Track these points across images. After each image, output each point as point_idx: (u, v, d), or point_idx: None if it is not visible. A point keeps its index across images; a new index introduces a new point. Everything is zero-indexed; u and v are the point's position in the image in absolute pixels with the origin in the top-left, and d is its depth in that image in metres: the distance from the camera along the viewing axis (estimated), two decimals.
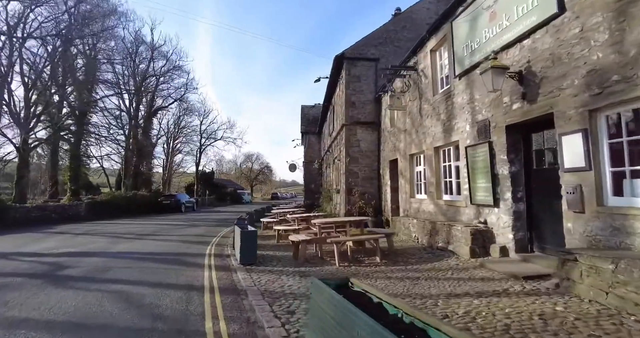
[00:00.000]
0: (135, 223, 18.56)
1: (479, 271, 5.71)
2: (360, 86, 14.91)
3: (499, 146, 6.59)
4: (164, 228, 15.52)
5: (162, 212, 27.85)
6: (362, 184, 14.48)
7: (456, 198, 8.41)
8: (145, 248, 9.50)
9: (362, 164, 14.66)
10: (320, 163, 30.22)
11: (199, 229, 14.98)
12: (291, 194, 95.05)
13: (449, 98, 8.48)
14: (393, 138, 12.65)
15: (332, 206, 19.66)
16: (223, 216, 23.84)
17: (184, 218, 21.42)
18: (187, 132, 46.66)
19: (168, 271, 6.43)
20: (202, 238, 11.86)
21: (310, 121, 34.21)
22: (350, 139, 14.70)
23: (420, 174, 10.58)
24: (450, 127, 8.39)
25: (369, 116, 14.86)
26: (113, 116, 32.59)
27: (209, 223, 17.91)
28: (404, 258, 7.14)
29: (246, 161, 79.78)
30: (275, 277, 5.79)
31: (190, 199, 32.31)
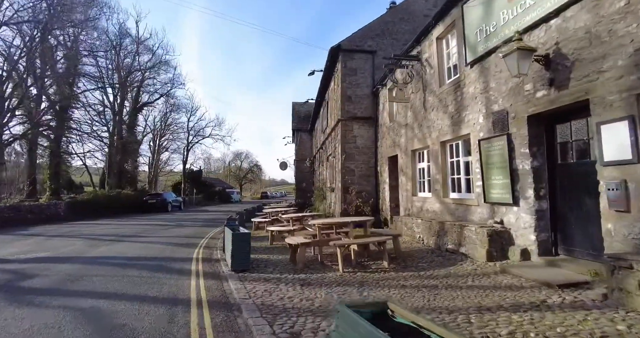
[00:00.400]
0: (118, 223, 17.55)
1: (502, 278, 5.09)
2: (357, 80, 14.24)
3: (518, 139, 5.98)
4: (148, 228, 14.60)
5: (148, 212, 26.76)
6: (359, 182, 13.83)
7: (466, 196, 7.80)
8: (126, 251, 8.65)
9: (358, 162, 14.01)
10: (312, 161, 29.50)
11: (186, 230, 14.12)
12: (281, 193, 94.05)
13: (458, 89, 7.86)
14: (392, 134, 12.01)
15: (325, 205, 18.97)
16: (211, 215, 22.94)
17: (170, 218, 20.46)
18: (174, 129, 45.43)
19: (149, 280, 5.64)
20: (189, 239, 11.03)
21: (301, 118, 33.45)
22: (346, 135, 14.02)
23: (424, 171, 9.96)
24: (460, 120, 7.77)
25: (366, 111, 14.20)
26: (96, 112, 31.31)
27: (196, 223, 17.03)
28: (413, 262, 6.50)
29: (235, 159, 78.55)
30: (272, 287, 5.07)
31: (177, 199, 31.23)
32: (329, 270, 6.08)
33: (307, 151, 32.31)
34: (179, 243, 10.18)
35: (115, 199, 25.65)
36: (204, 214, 24.67)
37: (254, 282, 5.34)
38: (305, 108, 35.11)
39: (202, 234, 12.43)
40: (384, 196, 13.00)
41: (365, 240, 6.15)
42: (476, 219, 7.21)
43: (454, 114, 8.00)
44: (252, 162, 79.42)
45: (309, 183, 31.83)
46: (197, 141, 47.12)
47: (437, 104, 8.77)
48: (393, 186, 12.34)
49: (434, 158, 8.98)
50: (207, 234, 12.43)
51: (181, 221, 18.57)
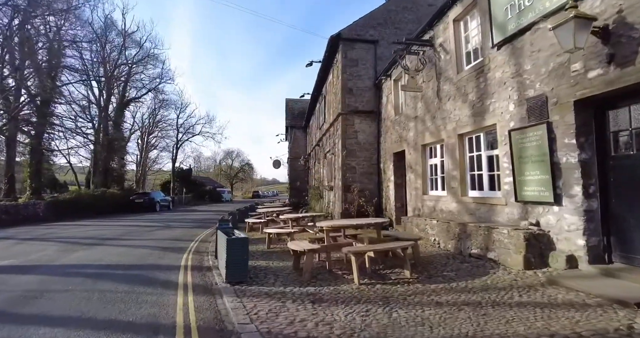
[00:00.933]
0: (102, 224, 16.38)
1: (555, 292, 4.24)
2: (358, 71, 13.36)
3: (562, 128, 5.15)
4: (133, 230, 13.51)
5: (135, 212, 25.54)
6: (360, 180, 12.95)
7: (490, 194, 6.96)
8: (105, 258, 7.61)
9: (360, 158, 13.13)
10: (307, 159, 28.56)
11: (174, 231, 13.06)
12: (273, 193, 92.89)
13: (480, 74, 7.01)
14: (398, 128, 11.15)
15: (322, 205, 18.07)
16: (202, 215, 21.85)
17: (158, 219, 19.32)
18: (163, 126, 44.03)
19: (126, 297, 4.65)
20: (177, 243, 10.02)
21: (295, 115, 32.49)
22: (347, 130, 13.13)
23: (436, 167, 9.11)
24: (483, 109, 6.93)
25: (368, 105, 13.33)
26: (80, 107, 29.84)
27: (185, 225, 15.97)
28: (437, 271, 5.62)
29: (226, 158, 77.18)
30: (277, 305, 4.14)
31: (166, 198, 30.01)
32: (342, 281, 5.17)
33: (302, 149, 31.38)
34: (165, 247, 9.16)
35: (100, 198, 24.36)
36: (193, 214, 23.55)
37: (254, 299, 4.40)
38: (299, 105, 34.18)
39: (191, 236, 11.41)
40: (387, 195, 12.15)
41: (385, 246, 5.24)
42: (503, 220, 6.38)
43: (476, 103, 7.16)
44: (244, 161, 78.12)
45: (303, 182, 30.90)
46: (186, 139, 45.77)
47: (454, 92, 7.92)
48: (398, 184, 11.50)
49: (449, 153, 8.14)
50: (197, 236, 11.42)
51: (169, 221, 17.47)
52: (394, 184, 11.52)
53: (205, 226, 14.83)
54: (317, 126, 21.33)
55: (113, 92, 31.94)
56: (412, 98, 10.02)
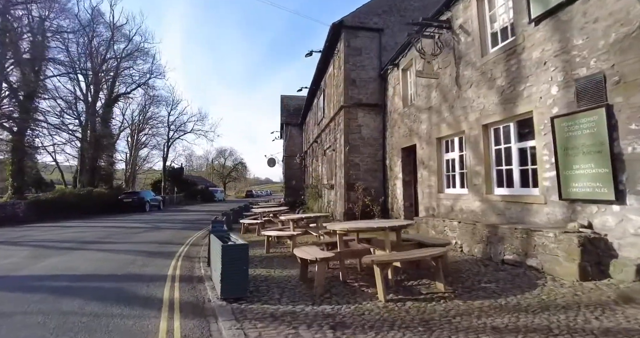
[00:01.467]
0: (86, 225, 15.28)
1: (638, 312, 3.38)
2: (362, 61, 12.47)
3: (627, 111, 4.30)
4: (118, 232, 12.45)
5: (123, 212, 24.36)
6: (364, 178, 12.07)
7: (523, 192, 6.11)
8: (80, 266, 6.60)
9: (364, 154, 12.24)
10: (303, 157, 27.63)
11: (163, 233, 12.03)
12: (266, 192, 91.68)
13: (512, 55, 6.15)
14: (408, 121, 10.28)
15: (321, 204, 17.16)
16: (193, 216, 20.78)
17: (147, 219, 18.23)
18: (153, 123, 42.68)
19: (93, 323, 3.68)
20: (165, 247, 9.02)
21: (291, 112, 31.52)
22: (350, 125, 12.23)
23: (454, 162, 8.25)
24: (515, 94, 6.07)
25: (372, 97, 12.45)
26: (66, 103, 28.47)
27: (176, 226, 14.93)
28: (472, 281, 4.74)
29: (218, 156, 75.91)
30: (289, 333, 3.21)
31: (156, 197, 28.83)
32: (362, 296, 4.26)
33: (297, 146, 30.43)
34: (152, 252, 8.16)
35: (86, 198, 23.16)
36: (185, 214, 22.47)
37: (258, 323, 3.47)
38: (295, 102, 33.23)
39: (181, 239, 10.41)
40: (394, 194, 11.27)
41: (416, 255, 4.30)
42: (541, 221, 5.53)
43: (506, 88, 6.30)
44: (237, 159, 76.83)
45: (299, 181, 29.96)
46: (178, 137, 44.54)
47: (478, 78, 7.05)
48: (407, 181, 10.63)
49: (471, 146, 7.27)
50: (187, 239, 10.43)
51: (159, 222, 16.40)
52: (402, 182, 10.65)
53: (196, 228, 13.82)
54: (315, 122, 20.41)
55: (101, 87, 30.65)
56: (425, 87, 9.15)
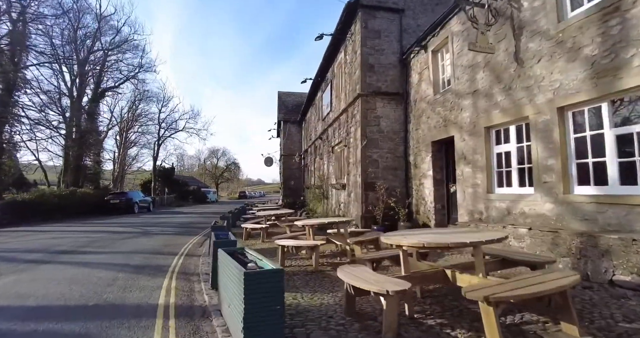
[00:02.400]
0: (66, 229, 13.56)
1: None
2: (381, 44, 11.02)
3: None
4: (101, 238, 10.79)
5: (110, 214, 22.60)
6: (384, 176, 10.61)
7: (626, 191, 4.69)
8: (38, 290, 4.99)
9: (383, 150, 10.78)
10: (303, 156, 26.11)
11: (153, 240, 10.40)
12: (260, 193, 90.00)
13: (613, 13, 4.74)
14: (442, 109, 8.85)
15: (327, 207, 15.68)
16: (186, 218, 19.11)
17: (135, 223, 16.52)
18: (143, 121, 40.75)
19: None
20: (155, 258, 7.44)
21: (289, 109, 30.00)
22: (367, 116, 10.76)
23: (508, 156, 6.82)
24: (618, 64, 4.66)
25: (392, 85, 11.01)
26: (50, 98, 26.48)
27: (167, 230, 13.29)
28: (603, 320, 3.29)
29: (211, 156, 73.95)
30: None
31: (146, 198, 27.04)
32: None
33: (296, 145, 28.91)
34: (138, 267, 6.58)
35: (69, 199, 21.32)
36: (177, 217, 20.77)
37: None
38: (293, 98, 31.74)
39: (174, 248, 8.83)
40: (421, 195, 9.83)
41: (545, 287, 2.79)
42: None
43: (600, 57, 4.88)
44: (230, 160, 74.91)
45: (298, 181, 28.45)
46: (169, 135, 42.74)
47: (552, 50, 5.64)
48: (438, 180, 9.20)
49: (540, 135, 5.85)
50: (181, 247, 8.85)
51: (148, 226, 14.72)
52: (433, 181, 9.21)
53: (191, 233, 12.21)
54: (319, 117, 18.92)
55: (87, 81, 28.71)
56: (467, 68, 7.73)
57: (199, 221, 17.27)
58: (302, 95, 32.61)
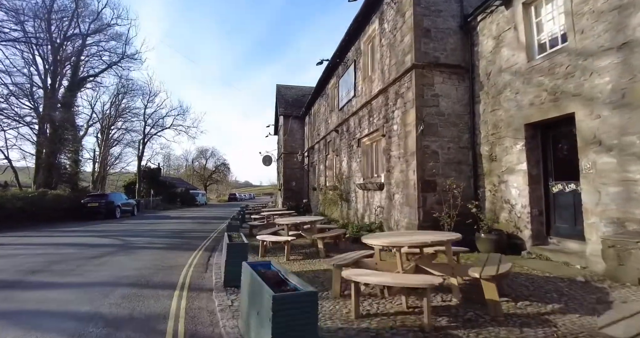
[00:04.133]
0: (24, 242, 10.63)
1: None
2: (437, 4, 8.57)
3: None
4: (66, 256, 7.97)
5: (88, 219, 19.59)
6: (445, 173, 8.12)
7: None
8: None
9: (444, 139, 8.29)
10: (307, 154, 23.48)
11: (138, 259, 7.62)
12: (250, 195, 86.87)
13: None
14: (546, 78, 6.39)
15: (348, 211, 13.13)
16: (177, 225, 16.21)
17: (116, 230, 13.63)
18: (127, 117, 37.48)
19: None
20: (140, 299, 4.71)
21: (289, 103, 27.41)
22: (424, 93, 8.28)
23: None
24: None
25: (452, 57, 8.56)
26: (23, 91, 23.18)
27: (156, 242, 10.49)
28: None
29: (199, 157, 70.48)
30: None
31: (129, 201, 23.98)
32: None
33: (298, 142, 26.30)
34: (112, 321, 3.88)
35: (37, 202, 18.18)
36: (165, 223, 17.85)
37: None
38: (294, 92, 29.19)
39: (169, 273, 6.13)
40: (503, 196, 7.38)
41: None
42: None
43: None
44: (219, 160, 71.55)
45: (301, 182, 25.84)
46: (155, 133, 39.54)
47: None
48: (534, 176, 6.76)
49: None
50: (180, 272, 6.15)
51: (132, 236, 11.86)
52: (528, 178, 6.76)
53: (187, 246, 9.47)
54: (334, 107, 16.40)
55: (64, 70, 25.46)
56: (607, 14, 5.30)
57: (192, 229, 14.48)
58: (303, 89, 30.07)
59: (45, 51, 24.15)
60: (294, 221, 8.68)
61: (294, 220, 8.95)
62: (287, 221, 8.58)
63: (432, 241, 4.08)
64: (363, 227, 9.95)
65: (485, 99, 8.02)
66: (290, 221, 8.58)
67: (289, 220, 8.95)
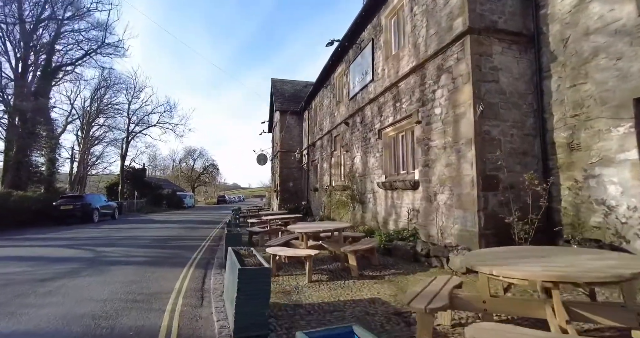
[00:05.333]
0: None
1: None
2: None
3: None
4: (14, 277, 5.92)
5: (60, 223, 17.40)
6: (508, 166, 6.34)
7: None
8: None
9: (506, 122, 6.53)
10: (307, 151, 21.57)
11: (108, 282, 5.60)
12: (240, 198, 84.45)
13: None
14: None
15: (363, 215, 11.31)
16: (162, 231, 14.07)
17: (89, 239, 11.49)
18: (110, 113, 35.02)
19: None
20: None
21: (286, 98, 25.50)
22: (481, 65, 6.51)
23: None
24: None
25: (512, 22, 6.82)
26: None
27: (135, 254, 8.44)
28: None
29: (187, 157, 67.79)
30: None
31: (109, 204, 21.69)
32: None
33: (296, 140, 24.40)
34: None
35: (2, 204, 15.84)
36: (149, 228, 15.70)
37: None
38: (290, 86, 27.29)
39: (146, 310, 4.16)
40: (596, 197, 5.63)
41: None
42: None
43: None
44: (208, 161, 68.94)
45: (299, 182, 23.93)
46: (140, 130, 37.10)
47: None
48: None
49: None
50: (163, 307, 4.19)
51: (107, 245, 9.76)
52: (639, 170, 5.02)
53: (174, 259, 7.47)
54: (341, 97, 14.61)
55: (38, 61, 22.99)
56: None
57: (180, 236, 12.44)
58: (300, 83, 28.17)
59: (16, 37, 21.76)
60: (313, 228, 6.75)
61: (312, 227, 7.03)
62: (303, 229, 6.67)
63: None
64: (393, 235, 8.12)
65: (560, 73, 6.28)
66: (309, 229, 6.67)
67: (304, 227, 7.03)
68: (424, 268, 6.32)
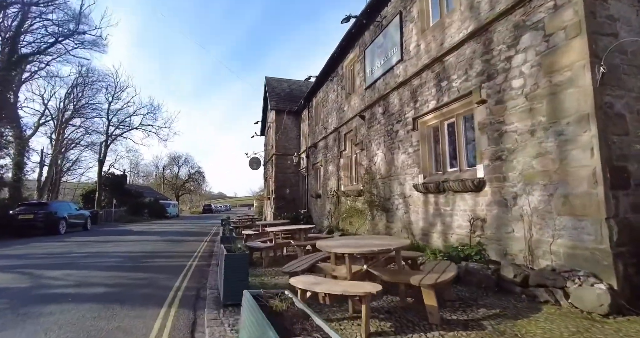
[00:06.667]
0: None
1: None
2: None
3: None
4: None
5: (18, 236, 14.76)
6: (637, 154, 4.38)
7: None
8: None
9: (631, 94, 4.60)
10: (307, 154, 19.41)
11: None
12: (226, 207, 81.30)
13: None
14: None
15: (383, 226, 9.24)
16: (137, 245, 11.53)
17: (46, 255, 9.01)
18: (87, 114, 32.27)
19: None
20: None
21: (282, 97, 23.47)
22: (595, 11, 4.57)
23: None
24: None
25: None
26: None
27: (91, 282, 6.05)
28: None
29: (171, 164, 64.66)
30: None
31: (81, 213, 18.97)
32: None
33: (293, 142, 22.28)
34: None
35: None
36: (124, 241, 13.17)
37: None
38: (285, 85, 25.32)
39: None
40: None
41: None
42: None
43: None
44: (193, 168, 65.89)
45: (296, 189, 21.72)
46: (121, 133, 34.36)
47: None
48: None
49: None
50: None
51: (60, 267, 7.33)
52: None
53: (149, 295, 5.12)
54: (354, 88, 12.65)
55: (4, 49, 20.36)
56: None
57: (159, 251, 10.08)
58: (295, 82, 26.18)
59: None
60: (359, 247, 4.51)
61: (354, 245, 4.77)
62: (344, 248, 4.46)
63: None
64: (450, 254, 6.02)
65: None
66: (351, 248, 4.46)
67: (343, 245, 4.79)
68: (525, 304, 4.23)
